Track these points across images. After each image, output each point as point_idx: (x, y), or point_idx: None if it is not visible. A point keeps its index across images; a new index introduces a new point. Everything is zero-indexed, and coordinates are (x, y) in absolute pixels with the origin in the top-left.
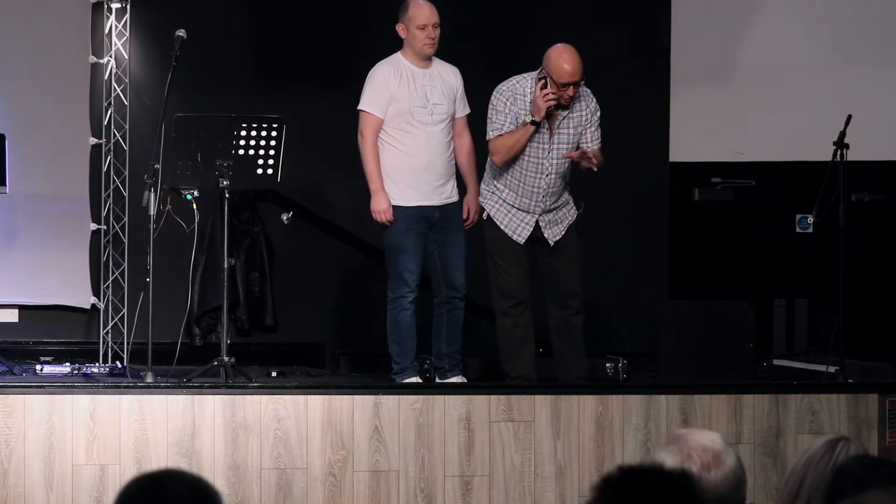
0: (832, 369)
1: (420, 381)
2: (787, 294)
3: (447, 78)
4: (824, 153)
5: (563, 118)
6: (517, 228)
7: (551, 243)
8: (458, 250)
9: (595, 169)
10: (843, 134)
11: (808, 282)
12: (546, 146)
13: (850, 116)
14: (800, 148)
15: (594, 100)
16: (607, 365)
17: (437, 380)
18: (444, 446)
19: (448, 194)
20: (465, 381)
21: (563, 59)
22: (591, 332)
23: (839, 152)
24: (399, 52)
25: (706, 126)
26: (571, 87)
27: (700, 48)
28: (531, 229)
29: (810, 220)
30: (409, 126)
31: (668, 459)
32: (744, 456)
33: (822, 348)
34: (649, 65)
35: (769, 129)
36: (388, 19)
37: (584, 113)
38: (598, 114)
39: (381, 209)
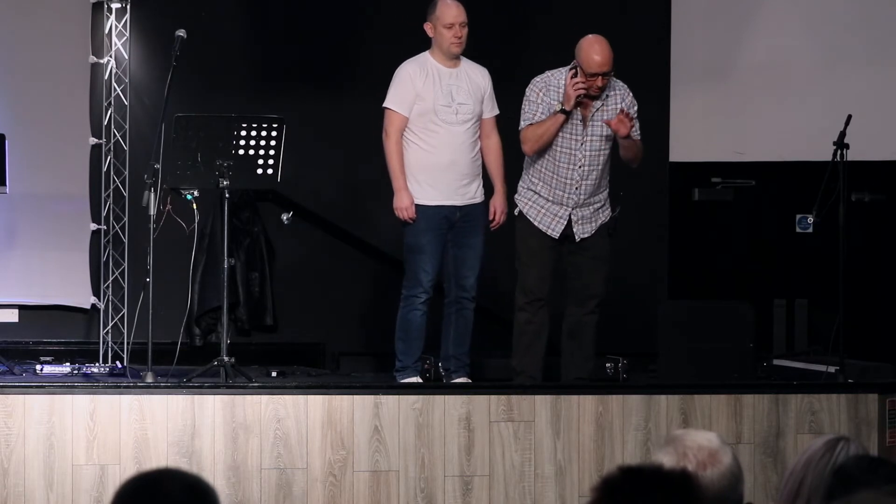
0: (832, 369)
1: (420, 381)
2: (787, 294)
3: (475, 78)
4: (824, 153)
5: (597, 110)
6: (551, 223)
7: (577, 239)
8: (473, 251)
9: (627, 131)
10: (843, 134)
11: (808, 282)
12: (579, 137)
13: (850, 116)
14: (800, 148)
15: (630, 94)
16: (607, 365)
17: (444, 381)
18: (444, 446)
19: (472, 195)
20: (470, 382)
21: (593, 49)
22: None
23: (839, 152)
24: (427, 52)
25: (706, 126)
26: (601, 77)
27: (700, 48)
28: (564, 223)
29: (810, 220)
30: (434, 125)
31: (665, 459)
32: (744, 456)
33: (822, 348)
34: (649, 65)
35: (769, 129)
36: (389, 19)
37: (619, 106)
38: (636, 108)
39: (403, 206)
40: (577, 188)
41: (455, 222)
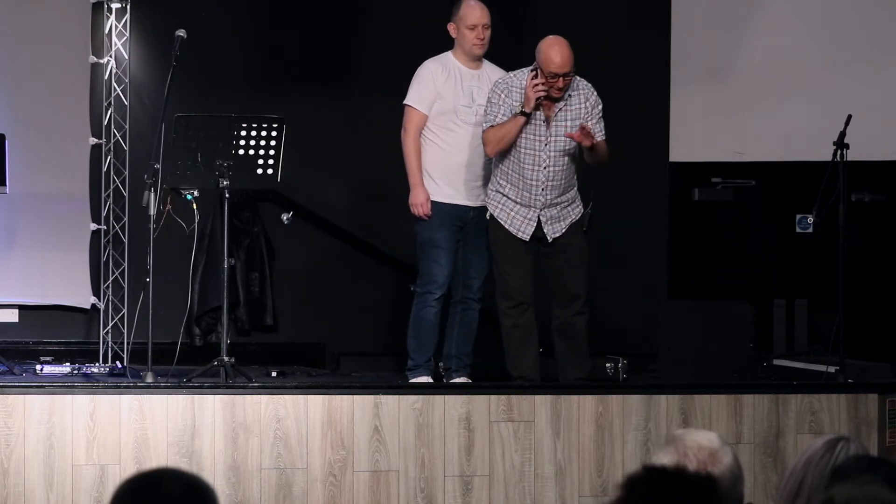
0: (832, 369)
1: (431, 380)
2: (787, 294)
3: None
4: (824, 153)
5: (560, 110)
6: (521, 225)
7: (549, 239)
8: (482, 253)
9: (591, 143)
10: (843, 134)
11: (808, 282)
12: (543, 138)
13: (850, 116)
14: (800, 148)
15: (595, 93)
16: (607, 365)
17: (444, 380)
18: (444, 446)
19: (484, 196)
20: (470, 382)
21: (552, 50)
22: (592, 332)
23: (839, 152)
24: (449, 52)
25: (706, 126)
26: (560, 78)
27: (700, 48)
28: (534, 225)
29: (810, 220)
30: (453, 125)
31: (666, 459)
32: (744, 456)
33: (822, 348)
34: (649, 65)
35: (769, 129)
36: (389, 19)
37: (583, 106)
38: (600, 107)
39: (419, 202)
40: (543, 189)
41: (467, 223)
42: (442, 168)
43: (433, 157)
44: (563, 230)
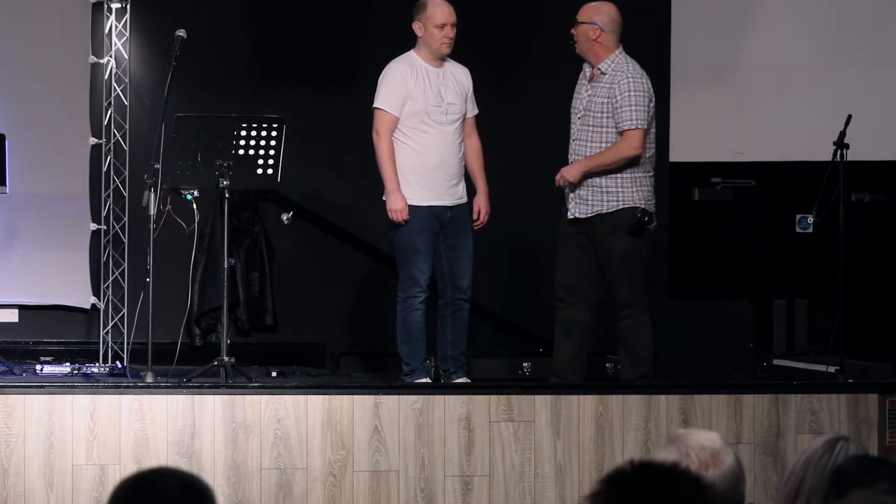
0: (832, 369)
1: (430, 381)
2: (787, 294)
3: (459, 77)
4: (824, 153)
5: (594, 86)
6: (565, 205)
7: (570, 216)
8: (465, 252)
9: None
10: (843, 134)
11: (808, 282)
12: (577, 111)
13: (850, 116)
14: (800, 148)
15: (627, 78)
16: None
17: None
18: (444, 446)
19: (459, 195)
20: (470, 382)
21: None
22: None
23: (839, 152)
24: (412, 51)
25: (706, 126)
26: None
27: (700, 48)
28: (568, 203)
29: (810, 220)
30: (424, 125)
31: (667, 459)
32: (744, 456)
33: (822, 348)
34: (649, 65)
35: (769, 129)
36: (389, 18)
37: (612, 87)
38: (627, 95)
39: (397, 208)
40: (570, 162)
41: (445, 223)
42: (417, 169)
43: (408, 158)
44: (587, 214)
